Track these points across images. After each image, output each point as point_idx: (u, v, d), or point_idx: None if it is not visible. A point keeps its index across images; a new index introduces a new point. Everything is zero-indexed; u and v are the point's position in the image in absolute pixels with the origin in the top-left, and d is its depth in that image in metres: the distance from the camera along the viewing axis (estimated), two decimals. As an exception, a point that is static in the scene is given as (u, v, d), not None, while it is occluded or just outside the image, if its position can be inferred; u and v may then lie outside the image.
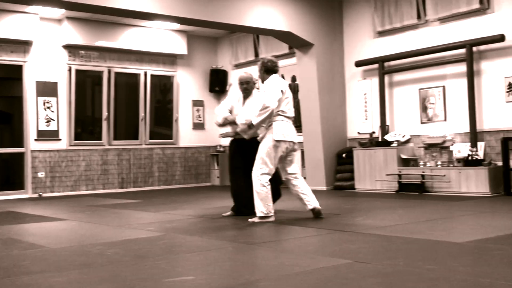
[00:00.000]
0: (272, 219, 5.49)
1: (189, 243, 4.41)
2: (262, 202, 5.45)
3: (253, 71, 12.05)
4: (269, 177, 5.52)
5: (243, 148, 6.12)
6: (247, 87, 6.11)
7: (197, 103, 12.68)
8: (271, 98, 5.46)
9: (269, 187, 5.50)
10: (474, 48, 8.42)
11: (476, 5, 8.35)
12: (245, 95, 6.15)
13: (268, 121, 5.52)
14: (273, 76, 5.71)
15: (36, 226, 5.93)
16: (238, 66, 12.39)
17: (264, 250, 3.99)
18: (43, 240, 4.82)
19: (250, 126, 5.54)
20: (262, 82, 5.80)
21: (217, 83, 12.63)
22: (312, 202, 5.65)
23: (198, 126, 12.66)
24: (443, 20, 8.90)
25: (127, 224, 5.83)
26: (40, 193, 10.49)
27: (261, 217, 5.47)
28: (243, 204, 6.06)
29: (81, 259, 3.80)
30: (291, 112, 5.69)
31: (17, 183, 10.55)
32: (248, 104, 6.07)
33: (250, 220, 5.57)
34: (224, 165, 11.83)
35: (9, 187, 10.53)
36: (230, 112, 6.17)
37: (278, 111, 5.52)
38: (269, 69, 5.72)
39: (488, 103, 8.35)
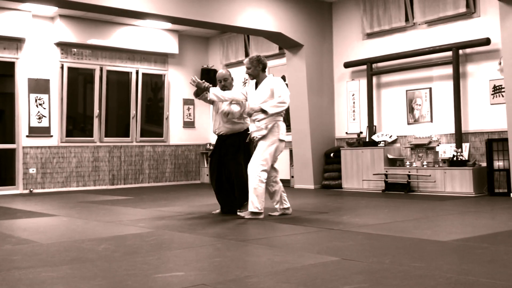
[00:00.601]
0: (262, 216, 5.51)
1: (179, 239, 4.41)
2: (258, 199, 5.43)
3: (243, 71, 12.07)
4: (267, 174, 5.53)
5: (217, 148, 6.10)
6: (225, 84, 6.05)
7: (188, 102, 12.66)
8: (288, 96, 5.54)
9: (265, 184, 5.51)
10: (460, 51, 8.48)
11: (463, 9, 8.40)
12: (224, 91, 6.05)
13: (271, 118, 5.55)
14: (270, 75, 5.77)
15: (27, 222, 5.90)
16: (228, 65, 12.38)
17: (253, 247, 3.99)
18: (34, 235, 4.80)
19: (250, 113, 5.53)
20: (253, 78, 5.75)
21: (208, 82, 12.46)
22: (288, 202, 5.81)
23: (189, 124, 12.65)
24: (430, 23, 8.95)
25: (117, 220, 5.81)
26: (31, 189, 10.43)
27: (254, 213, 5.47)
28: (224, 204, 6.07)
29: (72, 255, 3.79)
30: None
31: (8, 179, 10.47)
32: (228, 103, 6.04)
33: (240, 213, 5.56)
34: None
35: (0, 183, 10.45)
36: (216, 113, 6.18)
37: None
38: (265, 66, 5.74)
39: (473, 105, 8.41)
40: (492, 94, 8.19)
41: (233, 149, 5.96)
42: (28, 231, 5.13)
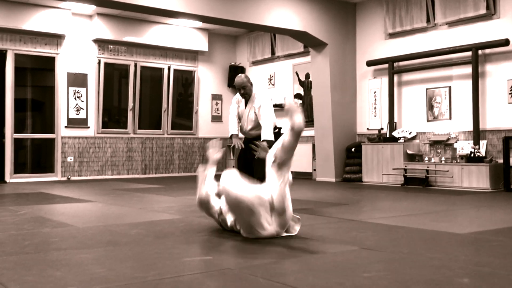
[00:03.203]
0: None
1: (207, 226, 4.43)
2: None
3: (269, 69, 12.04)
4: None
5: (244, 149, 5.74)
6: (244, 92, 5.74)
7: (216, 97, 12.70)
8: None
9: None
10: (480, 51, 8.34)
11: (483, 11, 8.26)
12: (244, 99, 5.82)
13: None
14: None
15: (65, 207, 5.99)
16: (255, 63, 12.39)
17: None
18: (71, 219, 4.87)
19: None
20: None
21: (235, 79, 12.60)
22: None
23: (216, 118, 12.69)
24: (451, 24, 8.82)
25: (149, 207, 5.87)
26: (69, 177, 10.59)
27: None
28: None
29: (107, 238, 3.83)
30: None
31: (48, 167, 10.65)
32: (250, 106, 5.75)
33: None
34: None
35: (40, 170, 10.64)
36: (240, 118, 5.88)
37: None
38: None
39: (491, 104, 8.27)
40: (510, 94, 8.04)
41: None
42: (65, 215, 5.22)
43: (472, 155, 8.02)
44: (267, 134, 5.48)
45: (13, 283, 2.56)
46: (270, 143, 5.44)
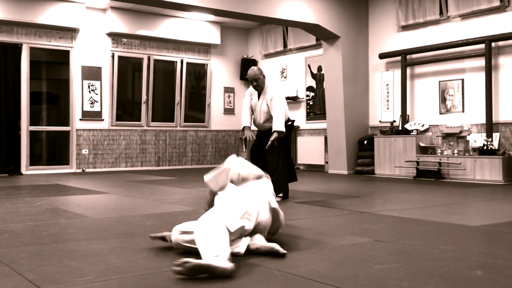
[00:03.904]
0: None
1: (220, 218, 4.44)
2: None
3: (281, 61, 12.00)
4: None
5: (257, 141, 5.82)
6: (257, 84, 5.73)
7: (228, 90, 12.70)
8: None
9: None
10: (493, 44, 8.25)
11: (497, 3, 8.17)
12: (257, 91, 5.81)
13: None
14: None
15: (80, 198, 6.05)
16: (267, 56, 12.36)
17: (289, 228, 3.99)
18: (87, 210, 4.91)
19: None
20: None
21: (247, 71, 12.58)
22: None
23: (229, 111, 12.70)
24: (464, 16, 8.73)
25: (163, 198, 5.90)
26: (84, 169, 10.67)
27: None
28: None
29: (122, 229, 3.86)
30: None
31: (63, 159, 10.73)
32: (262, 98, 5.73)
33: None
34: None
35: (56, 162, 10.72)
36: (253, 111, 5.88)
37: None
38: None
39: (505, 96, 8.19)
40: (523, 86, 7.96)
41: (272, 143, 5.57)
42: (81, 207, 5.26)
43: (484, 147, 7.96)
44: (278, 125, 5.47)
45: (30, 273, 2.60)
46: (281, 134, 5.48)
